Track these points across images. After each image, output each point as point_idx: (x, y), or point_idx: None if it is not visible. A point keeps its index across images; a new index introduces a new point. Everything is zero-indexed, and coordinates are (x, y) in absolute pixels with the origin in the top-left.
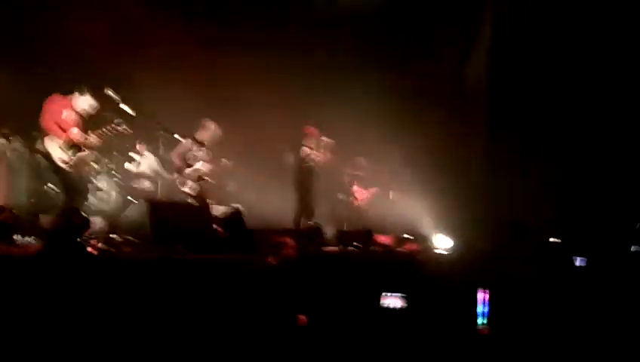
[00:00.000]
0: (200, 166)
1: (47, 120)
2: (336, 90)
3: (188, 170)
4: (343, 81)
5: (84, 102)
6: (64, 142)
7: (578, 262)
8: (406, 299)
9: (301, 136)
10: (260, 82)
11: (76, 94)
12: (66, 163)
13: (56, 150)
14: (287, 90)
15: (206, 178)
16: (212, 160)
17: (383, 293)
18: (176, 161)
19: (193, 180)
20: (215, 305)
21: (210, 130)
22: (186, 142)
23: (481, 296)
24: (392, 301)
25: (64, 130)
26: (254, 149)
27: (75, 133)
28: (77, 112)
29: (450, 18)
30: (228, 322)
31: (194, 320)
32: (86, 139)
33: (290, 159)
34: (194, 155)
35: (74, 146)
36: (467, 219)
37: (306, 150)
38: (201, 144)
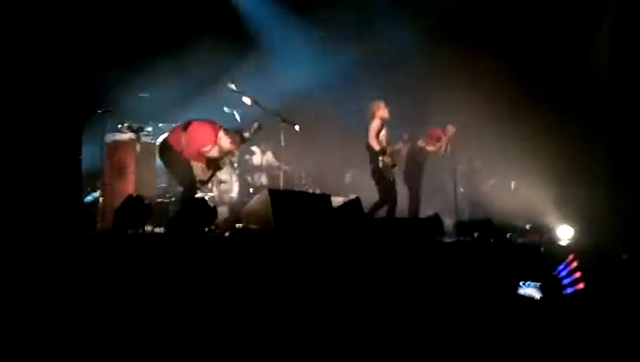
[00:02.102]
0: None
1: (191, 149)
2: (454, 80)
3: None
4: (461, 71)
5: (227, 143)
6: (204, 166)
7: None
8: (542, 288)
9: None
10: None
11: (221, 133)
12: (204, 182)
13: (197, 170)
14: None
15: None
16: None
17: (521, 283)
18: (376, 145)
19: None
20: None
21: (386, 109)
22: (374, 122)
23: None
24: (530, 291)
25: (204, 157)
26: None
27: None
28: (220, 148)
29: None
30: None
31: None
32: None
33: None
34: (385, 136)
35: (213, 165)
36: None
37: (420, 143)
38: (385, 121)
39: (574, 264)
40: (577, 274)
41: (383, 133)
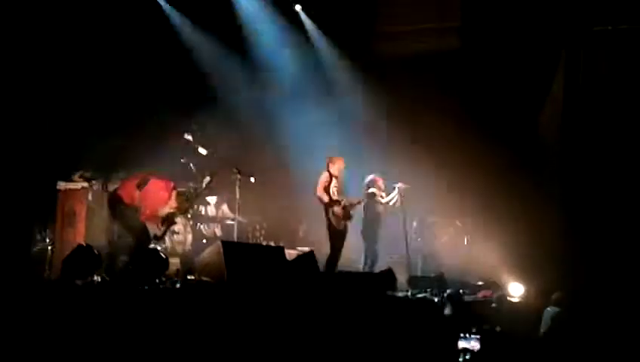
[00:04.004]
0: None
1: (146, 211)
2: (410, 137)
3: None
4: (417, 127)
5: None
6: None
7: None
8: (480, 340)
9: (367, 184)
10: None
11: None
12: (159, 237)
13: (151, 227)
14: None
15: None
16: None
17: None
18: (324, 196)
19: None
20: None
21: (342, 161)
22: (324, 174)
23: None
24: (469, 342)
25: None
26: None
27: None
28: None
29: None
30: None
31: None
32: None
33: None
34: (336, 188)
35: (166, 221)
36: (541, 266)
37: (373, 194)
38: (335, 177)
39: None
40: None
41: (335, 185)
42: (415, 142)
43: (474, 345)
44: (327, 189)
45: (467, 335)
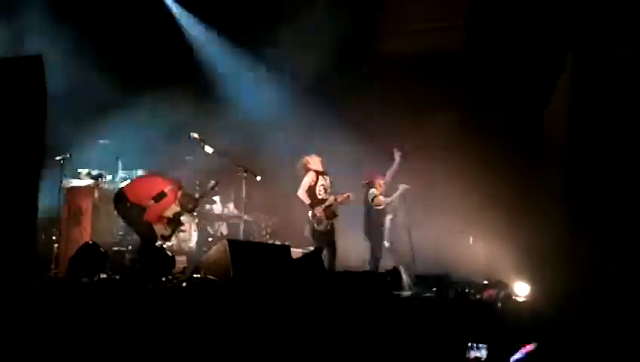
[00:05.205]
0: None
1: (152, 212)
2: (413, 130)
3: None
4: (421, 120)
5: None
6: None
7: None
8: (488, 349)
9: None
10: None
11: (179, 194)
12: (167, 237)
13: (159, 228)
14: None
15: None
16: None
17: (469, 344)
18: (305, 198)
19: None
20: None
21: (318, 158)
22: (306, 176)
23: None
24: (477, 352)
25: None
26: None
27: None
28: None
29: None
30: None
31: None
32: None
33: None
34: (323, 187)
35: (173, 222)
36: (547, 265)
37: (374, 193)
38: (325, 173)
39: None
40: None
41: (322, 184)
42: (419, 141)
43: (482, 354)
44: (312, 189)
45: (476, 345)
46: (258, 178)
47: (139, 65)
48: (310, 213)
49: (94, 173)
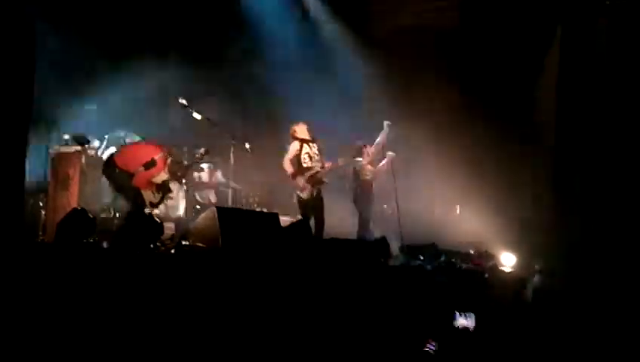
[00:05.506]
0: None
1: (140, 178)
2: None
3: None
4: (413, 101)
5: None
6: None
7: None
8: (476, 318)
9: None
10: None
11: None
12: (155, 204)
13: (147, 194)
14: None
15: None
16: None
17: (456, 312)
18: (288, 167)
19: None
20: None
21: (304, 126)
22: (292, 144)
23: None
24: (465, 321)
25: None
26: None
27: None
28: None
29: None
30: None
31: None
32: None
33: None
34: (308, 155)
35: (161, 189)
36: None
37: (361, 163)
38: (311, 141)
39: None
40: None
41: (307, 152)
42: (411, 115)
43: (469, 323)
44: (297, 158)
45: (463, 313)
46: (247, 145)
47: (126, 26)
48: (294, 182)
49: (81, 138)
